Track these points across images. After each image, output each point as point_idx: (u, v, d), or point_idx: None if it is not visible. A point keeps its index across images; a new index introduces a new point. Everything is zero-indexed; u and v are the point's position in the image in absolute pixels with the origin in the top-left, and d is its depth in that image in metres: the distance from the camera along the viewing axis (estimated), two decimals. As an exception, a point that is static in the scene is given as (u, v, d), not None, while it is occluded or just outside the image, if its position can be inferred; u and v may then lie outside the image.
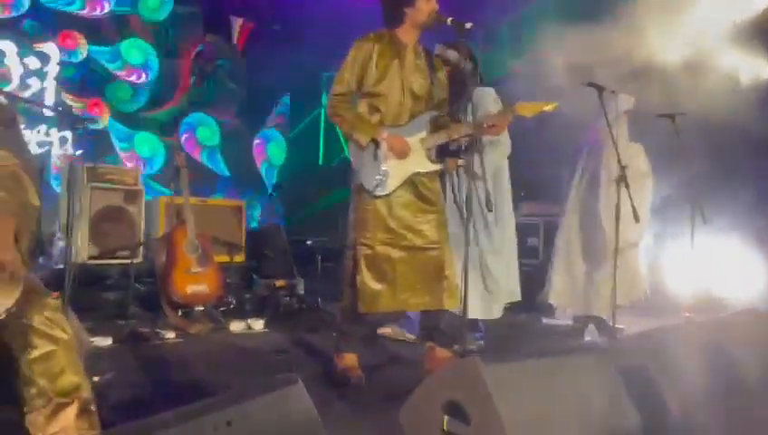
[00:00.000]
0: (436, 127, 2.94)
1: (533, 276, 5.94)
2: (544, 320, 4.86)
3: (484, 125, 2.86)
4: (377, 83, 2.89)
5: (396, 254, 2.87)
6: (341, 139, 9.67)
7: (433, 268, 2.89)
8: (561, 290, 4.20)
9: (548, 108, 2.84)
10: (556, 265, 4.27)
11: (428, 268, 2.89)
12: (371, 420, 2.38)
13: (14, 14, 6.27)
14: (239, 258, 5.06)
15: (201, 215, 4.49)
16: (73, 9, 6.72)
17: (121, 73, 7.08)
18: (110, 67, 7.02)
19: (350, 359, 2.95)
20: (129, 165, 6.67)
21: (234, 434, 1.25)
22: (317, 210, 8.38)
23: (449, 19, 2.74)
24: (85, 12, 6.78)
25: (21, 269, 1.57)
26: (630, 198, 3.30)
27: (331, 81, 3.02)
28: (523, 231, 7.48)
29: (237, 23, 8.23)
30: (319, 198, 8.35)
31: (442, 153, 3.00)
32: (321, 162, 9.75)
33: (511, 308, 5.35)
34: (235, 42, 8.27)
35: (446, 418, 1.85)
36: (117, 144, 7.02)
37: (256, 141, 8.45)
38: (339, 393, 2.76)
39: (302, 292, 4.88)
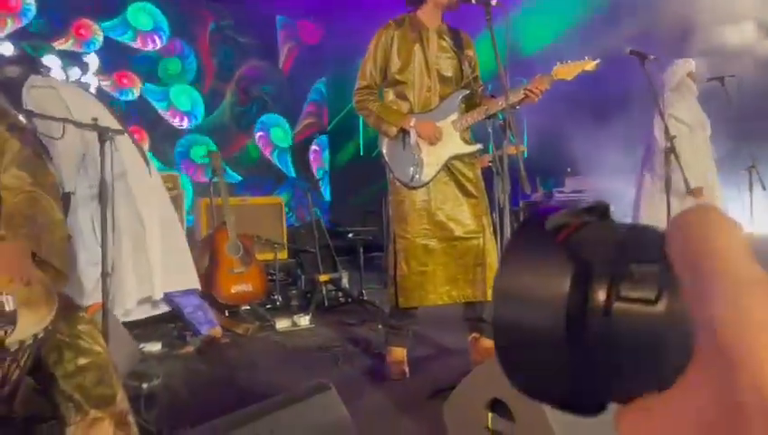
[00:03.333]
0: (468, 106, 2.83)
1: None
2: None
3: (522, 93, 2.68)
4: (401, 71, 2.80)
5: (435, 245, 2.79)
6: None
7: (474, 258, 2.80)
8: None
9: (589, 67, 2.63)
10: None
11: (469, 258, 2.80)
12: (417, 415, 2.32)
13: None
14: (282, 255, 5.07)
15: (241, 214, 4.51)
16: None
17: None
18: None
19: (398, 353, 2.89)
20: (174, 122, 6.83)
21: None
22: (358, 202, 8.36)
23: None
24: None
25: (51, 287, 1.58)
26: (681, 169, 3.13)
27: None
28: (569, 208, 7.34)
29: (285, 47, 8.30)
30: (360, 190, 8.32)
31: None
32: (361, 153, 9.72)
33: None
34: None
35: (490, 415, 1.78)
36: (156, 105, 7.18)
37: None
38: (385, 388, 2.71)
39: (346, 285, 4.86)
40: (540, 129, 6.55)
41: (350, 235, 5.48)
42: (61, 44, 6.58)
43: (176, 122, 7.53)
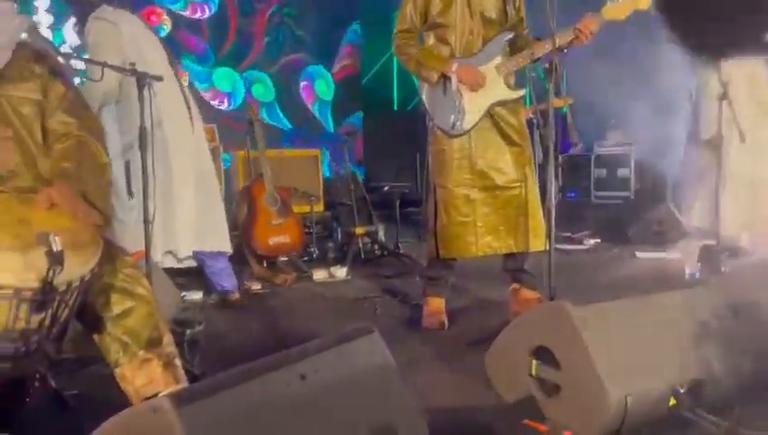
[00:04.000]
0: (513, 49, 2.73)
1: (626, 210, 5.66)
2: (638, 254, 4.62)
3: (570, 34, 2.54)
4: (442, 13, 2.69)
5: (476, 195, 2.73)
6: (416, 82, 9.47)
7: (516, 208, 2.73)
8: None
9: (642, 5, 2.45)
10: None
11: (511, 208, 2.74)
12: (456, 364, 2.32)
13: None
14: (318, 208, 5.08)
15: (278, 167, 4.50)
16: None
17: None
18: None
19: (436, 303, 2.88)
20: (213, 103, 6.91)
21: (309, 387, 1.21)
22: (394, 155, 8.30)
23: None
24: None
25: (97, 231, 1.59)
26: (735, 117, 2.98)
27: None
28: (612, 162, 7.15)
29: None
30: (395, 143, 8.24)
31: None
32: (395, 107, 9.60)
33: (603, 242, 5.17)
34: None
35: (534, 362, 1.76)
36: (197, 86, 7.22)
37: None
38: (423, 338, 2.71)
39: (382, 238, 4.85)
40: (580, 78, 6.33)
41: (386, 188, 5.44)
42: None
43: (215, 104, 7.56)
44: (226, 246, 3.29)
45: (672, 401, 1.65)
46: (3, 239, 1.43)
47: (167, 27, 7.09)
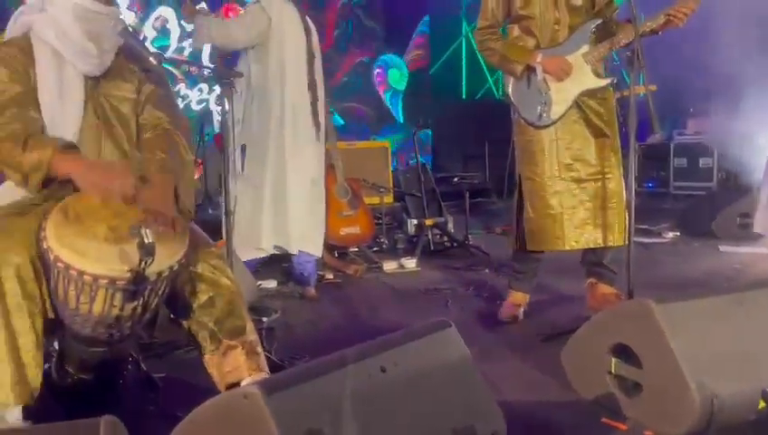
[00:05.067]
0: (602, 35, 2.64)
1: (708, 201, 5.41)
2: (721, 248, 4.41)
3: (662, 17, 2.45)
4: (525, 6, 2.64)
5: (563, 187, 2.66)
6: (485, 70, 9.34)
7: (602, 200, 2.66)
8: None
9: None
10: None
11: (598, 201, 2.66)
12: (530, 359, 2.29)
13: None
14: (388, 199, 5.11)
15: (349, 158, 4.56)
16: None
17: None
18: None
19: (518, 297, 2.85)
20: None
21: (389, 380, 1.23)
22: (463, 145, 8.24)
23: None
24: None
25: (185, 222, 1.67)
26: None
27: (471, 8, 2.82)
28: (693, 152, 6.84)
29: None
30: (464, 134, 8.18)
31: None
32: (464, 96, 9.51)
33: (683, 235, 4.96)
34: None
35: (614, 360, 1.72)
36: None
37: (376, 71, 8.45)
38: (495, 331, 2.70)
39: (451, 229, 4.84)
40: (658, 63, 6.07)
41: (456, 179, 5.41)
42: None
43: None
44: (318, 250, 3.38)
45: (762, 404, 1.58)
46: (99, 231, 1.52)
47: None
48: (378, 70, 8.44)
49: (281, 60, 3.19)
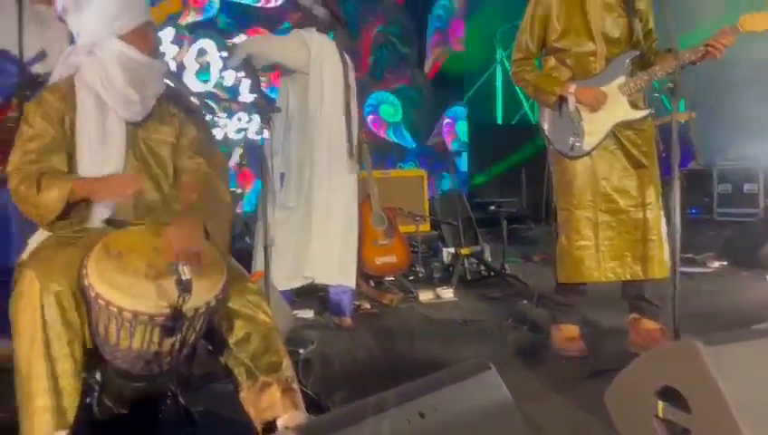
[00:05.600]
0: (640, 66, 2.61)
1: (754, 228, 5.23)
2: (770, 278, 4.25)
3: (701, 50, 2.42)
4: (561, 38, 2.63)
5: (600, 218, 2.62)
6: (521, 95, 9.32)
7: (642, 232, 2.60)
8: None
9: None
10: None
11: (637, 233, 2.60)
12: (572, 397, 2.22)
13: (208, 14, 6.85)
14: (424, 228, 5.08)
15: (384, 187, 4.56)
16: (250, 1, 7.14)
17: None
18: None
19: (570, 330, 2.77)
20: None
21: (428, 425, 1.20)
22: (499, 172, 8.18)
23: None
24: (261, 3, 7.18)
25: (220, 259, 1.69)
26: None
27: (506, 35, 2.82)
28: (737, 177, 6.65)
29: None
30: (500, 159, 8.13)
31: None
32: (499, 121, 9.48)
33: (729, 265, 4.80)
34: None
35: (661, 403, 1.65)
36: None
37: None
38: (534, 366, 2.64)
39: (488, 258, 4.78)
40: (700, 88, 5.94)
41: (492, 207, 5.36)
42: (185, 19, 6.84)
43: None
44: (352, 282, 3.39)
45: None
46: (139, 268, 1.55)
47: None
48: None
49: (320, 92, 3.24)
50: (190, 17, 6.83)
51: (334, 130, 3.27)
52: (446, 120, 8.77)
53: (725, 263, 4.86)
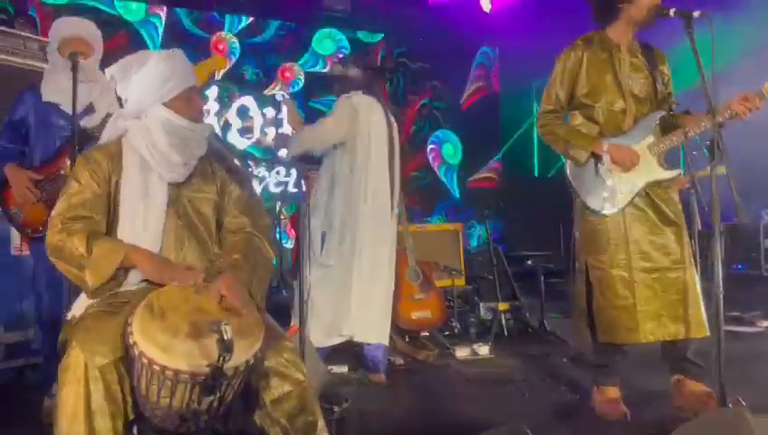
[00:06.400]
0: (664, 127, 2.62)
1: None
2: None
3: (728, 113, 2.45)
4: (590, 93, 2.66)
5: (635, 276, 2.58)
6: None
7: (677, 292, 2.55)
8: None
9: None
10: None
11: (672, 292, 2.55)
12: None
13: (295, 88, 7.16)
14: (460, 282, 5.05)
15: (420, 241, 4.58)
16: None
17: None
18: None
19: (611, 392, 2.69)
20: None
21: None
22: (536, 225, 8.11)
23: (672, 11, 2.42)
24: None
25: (259, 318, 1.72)
26: None
27: (541, 90, 2.86)
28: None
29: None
30: (537, 212, 8.07)
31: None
32: (536, 174, 9.47)
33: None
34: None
35: (708, 474, 1.59)
36: None
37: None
38: (575, 429, 2.56)
39: (526, 314, 4.71)
40: (736, 139, 5.84)
41: (529, 261, 5.30)
42: (271, 90, 7.22)
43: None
44: (385, 339, 3.40)
45: None
46: (182, 327, 1.58)
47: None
48: (431, 145, 8.56)
49: (367, 151, 3.30)
50: (277, 89, 7.18)
51: (379, 191, 3.32)
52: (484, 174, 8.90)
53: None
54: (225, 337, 1.50)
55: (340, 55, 7.56)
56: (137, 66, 1.89)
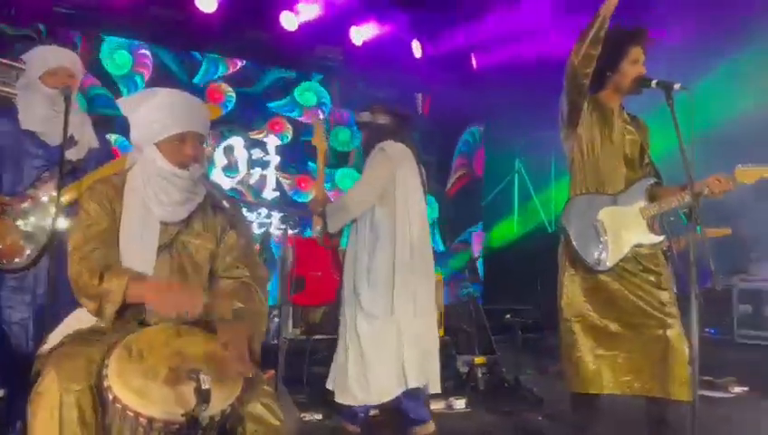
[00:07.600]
0: (653, 195, 2.71)
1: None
2: None
3: (705, 190, 2.56)
4: (591, 151, 2.75)
5: (618, 330, 2.62)
6: (537, 203, 9.43)
7: (661, 350, 2.57)
8: None
9: None
10: None
11: (655, 349, 2.58)
12: None
13: (284, 141, 7.21)
14: (439, 333, 5.02)
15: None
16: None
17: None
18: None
19: None
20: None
21: None
22: (515, 278, 8.15)
23: (654, 81, 2.54)
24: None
25: (251, 370, 1.71)
26: None
27: (524, 147, 2.93)
28: (759, 298, 6.51)
29: (418, 97, 8.50)
30: (515, 266, 8.13)
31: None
32: (515, 229, 9.57)
33: (752, 390, 4.62)
34: (420, 111, 8.43)
35: None
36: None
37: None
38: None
39: (502, 369, 4.68)
40: (711, 206, 5.98)
41: (508, 316, 5.30)
42: (257, 135, 7.22)
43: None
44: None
45: None
46: (160, 371, 1.57)
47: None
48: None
49: (405, 199, 3.20)
50: (269, 139, 7.22)
51: (420, 235, 3.22)
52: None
53: (747, 388, 4.71)
54: (203, 386, 1.48)
55: (322, 108, 7.64)
56: (142, 101, 1.93)
